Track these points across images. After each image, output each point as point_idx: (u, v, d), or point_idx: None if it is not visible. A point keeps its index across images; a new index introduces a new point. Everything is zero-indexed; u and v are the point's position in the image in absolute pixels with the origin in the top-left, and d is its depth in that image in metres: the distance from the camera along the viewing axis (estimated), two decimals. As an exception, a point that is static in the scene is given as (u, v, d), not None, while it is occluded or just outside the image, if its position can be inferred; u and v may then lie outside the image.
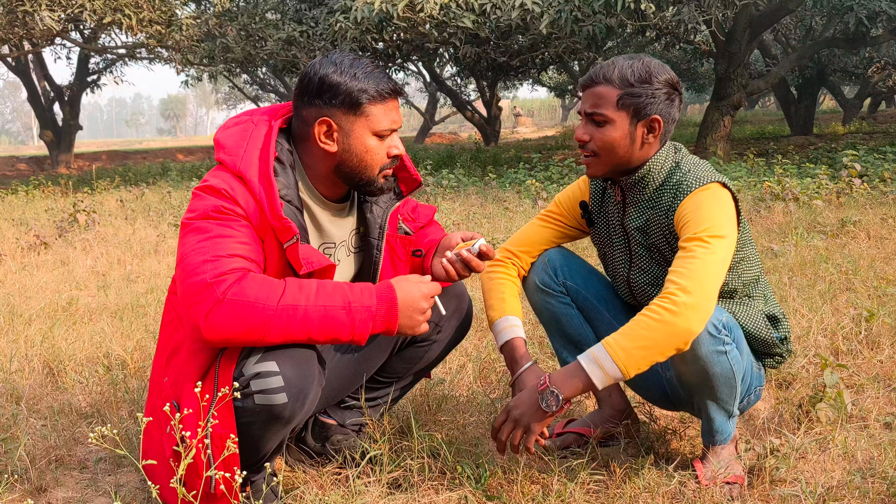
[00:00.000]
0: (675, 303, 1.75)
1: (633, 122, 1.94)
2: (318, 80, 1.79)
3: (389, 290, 1.75)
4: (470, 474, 2.00)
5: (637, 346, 1.75)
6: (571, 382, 1.80)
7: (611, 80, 1.93)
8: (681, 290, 1.76)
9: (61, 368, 2.97)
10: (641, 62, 1.93)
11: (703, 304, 1.76)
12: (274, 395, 1.66)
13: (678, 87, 1.98)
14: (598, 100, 1.95)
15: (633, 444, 2.21)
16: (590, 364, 1.79)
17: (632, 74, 1.92)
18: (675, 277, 1.79)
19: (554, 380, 1.81)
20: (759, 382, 2.10)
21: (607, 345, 1.78)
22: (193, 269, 1.64)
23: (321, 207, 1.92)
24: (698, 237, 1.84)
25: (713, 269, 1.80)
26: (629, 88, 1.92)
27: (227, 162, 1.79)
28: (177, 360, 1.81)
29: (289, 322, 1.64)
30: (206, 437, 1.65)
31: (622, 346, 1.76)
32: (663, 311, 1.75)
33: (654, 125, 1.95)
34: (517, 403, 1.87)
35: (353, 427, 2.21)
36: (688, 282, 1.77)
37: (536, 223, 2.25)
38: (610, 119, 1.94)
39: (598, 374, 1.78)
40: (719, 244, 1.83)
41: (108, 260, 5.33)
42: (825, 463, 2.03)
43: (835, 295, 3.48)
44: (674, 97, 1.96)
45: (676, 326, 1.74)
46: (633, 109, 1.93)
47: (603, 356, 1.77)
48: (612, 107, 1.93)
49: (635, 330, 1.77)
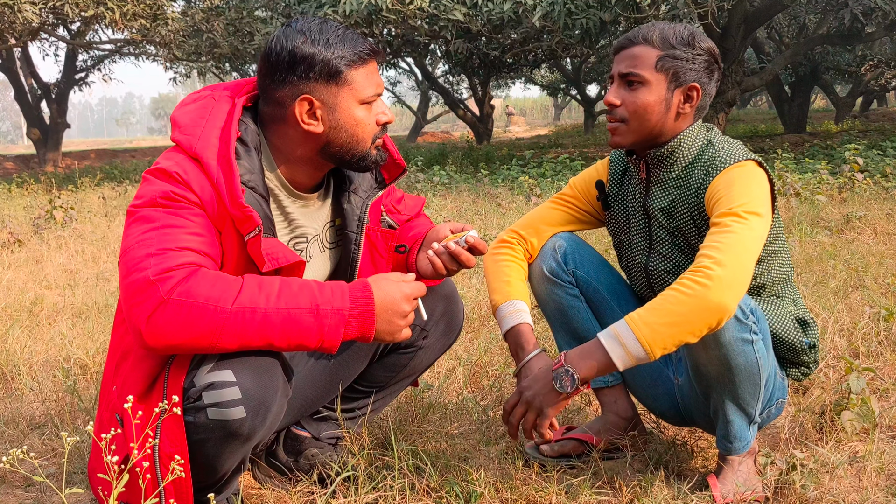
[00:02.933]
0: (708, 276, 1.54)
1: (670, 87, 1.78)
2: (287, 54, 1.56)
3: (365, 289, 1.52)
4: (458, 493, 1.78)
5: (664, 323, 1.55)
6: (588, 361, 1.61)
7: (651, 40, 1.78)
8: (715, 263, 1.56)
9: (16, 373, 2.73)
10: (684, 25, 1.80)
11: (739, 280, 1.56)
12: (230, 408, 1.43)
13: (719, 60, 1.83)
14: (635, 60, 1.78)
15: (640, 458, 1.99)
16: (610, 341, 1.59)
17: (674, 36, 1.77)
18: (708, 251, 1.59)
19: (570, 358, 1.62)
20: (783, 394, 1.88)
21: (631, 320, 1.57)
22: (135, 264, 1.41)
23: (290, 197, 1.69)
24: (734, 212, 1.65)
25: (750, 244, 1.61)
26: (670, 50, 1.77)
27: (182, 142, 1.56)
28: (125, 366, 1.58)
29: (246, 326, 1.40)
30: (151, 458, 1.43)
31: (647, 322, 1.56)
32: (695, 285, 1.55)
33: (691, 93, 1.79)
34: (530, 384, 1.68)
35: (328, 440, 1.98)
36: (723, 255, 1.57)
37: (548, 205, 2.06)
38: (646, 81, 1.77)
39: (618, 353, 1.58)
40: (756, 220, 1.64)
41: (82, 258, 5.09)
42: (859, 480, 1.81)
43: (847, 293, 3.28)
44: (713, 68, 1.82)
45: (709, 301, 1.53)
46: (673, 73, 1.77)
47: (625, 332, 1.57)
48: (650, 68, 1.77)
49: (663, 305, 1.56)
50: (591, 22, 9.00)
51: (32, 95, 19.22)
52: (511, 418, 1.70)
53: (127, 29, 11.74)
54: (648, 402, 2.03)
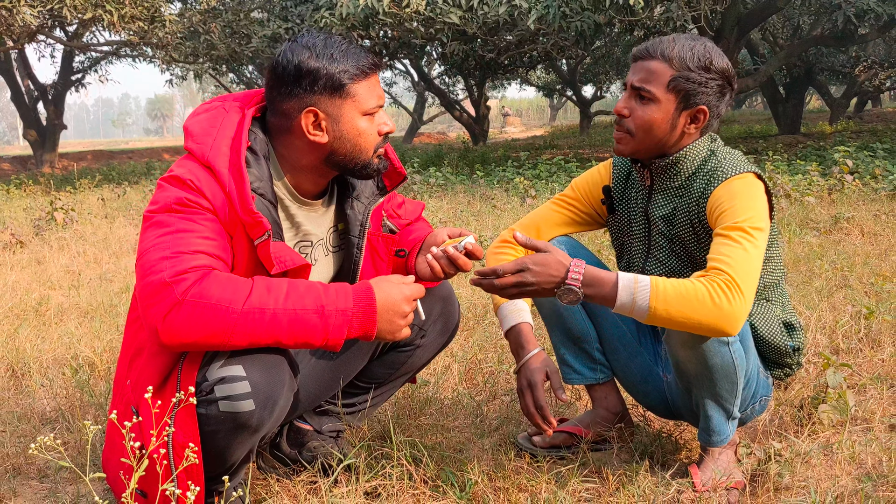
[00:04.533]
0: (734, 296, 1.64)
1: (678, 108, 1.85)
2: (293, 68, 1.66)
3: (368, 291, 1.62)
4: (454, 481, 1.88)
5: (679, 310, 1.64)
6: (596, 290, 1.67)
7: (669, 57, 1.83)
8: (738, 287, 1.64)
9: (26, 370, 2.83)
10: (703, 45, 1.84)
11: (749, 303, 1.66)
12: (240, 401, 1.53)
13: (732, 82, 1.88)
14: (650, 75, 1.84)
15: (627, 449, 2.09)
16: (625, 289, 1.66)
17: (691, 58, 1.82)
18: (727, 269, 1.67)
19: (586, 279, 1.67)
20: (766, 392, 1.98)
21: (654, 287, 1.65)
22: (151, 266, 1.51)
23: (297, 203, 1.79)
24: (741, 227, 1.73)
25: (758, 264, 1.71)
26: (685, 72, 1.82)
27: (195, 151, 1.66)
28: (139, 361, 1.68)
29: (255, 326, 1.51)
30: (166, 446, 1.52)
31: (666, 297, 1.64)
32: (723, 297, 1.63)
33: (699, 116, 1.86)
34: (537, 269, 1.67)
35: (330, 433, 2.08)
36: (742, 279, 1.65)
37: (549, 206, 2.14)
38: (656, 98, 1.84)
39: (624, 300, 1.66)
40: (761, 238, 1.73)
41: (84, 259, 5.18)
42: (831, 469, 1.92)
43: (831, 292, 3.38)
44: (725, 91, 1.87)
45: (725, 319, 1.63)
46: (683, 95, 1.84)
47: (643, 291, 1.65)
48: (661, 86, 1.84)
49: (689, 292, 1.64)
50: (586, 25, 9.11)
51: (29, 97, 19.27)
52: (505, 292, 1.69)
53: (125, 31, 11.81)
54: (639, 398, 2.13)
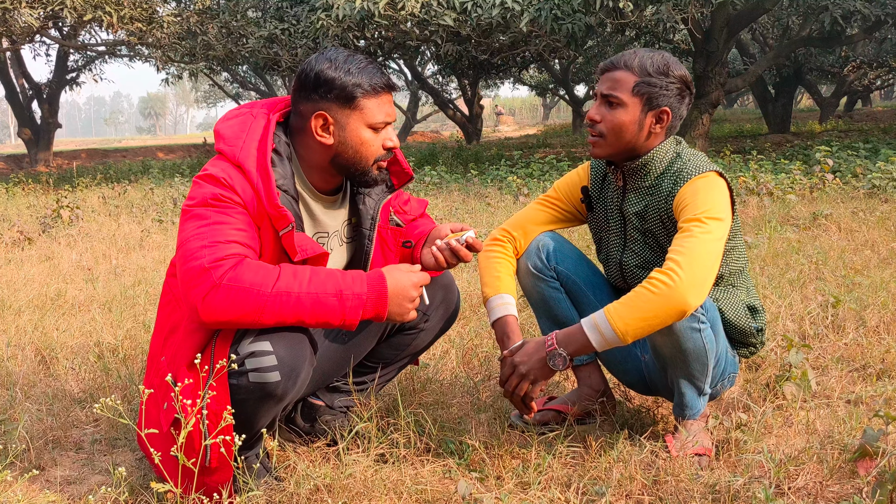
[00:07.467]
0: (671, 278, 1.87)
1: (643, 110, 2.08)
2: (314, 76, 1.89)
3: (380, 278, 1.84)
4: (453, 449, 2.10)
5: (635, 317, 1.87)
6: (573, 345, 1.94)
7: (631, 66, 2.07)
8: (678, 266, 1.88)
9: (53, 356, 3.03)
10: (661, 56, 2.08)
11: (699, 280, 1.88)
12: (268, 373, 1.75)
13: (690, 86, 2.12)
14: (616, 83, 2.08)
15: (609, 422, 2.31)
16: (591, 329, 1.92)
17: (651, 65, 2.06)
18: (673, 255, 1.91)
19: (559, 340, 1.95)
20: (734, 369, 2.22)
21: (608, 312, 1.90)
22: (192, 253, 1.73)
23: (315, 199, 2.01)
24: (696, 218, 1.96)
25: (710, 247, 1.92)
26: (647, 77, 2.06)
27: (226, 152, 1.88)
28: (174, 339, 1.89)
29: (282, 307, 1.72)
30: (204, 408, 1.73)
31: (621, 315, 1.88)
32: (661, 285, 1.87)
33: (662, 116, 2.09)
34: (524, 360, 2.00)
35: (341, 408, 2.30)
36: (685, 259, 1.89)
37: (534, 206, 2.37)
38: (623, 102, 2.07)
39: (596, 339, 1.91)
40: (716, 225, 1.95)
41: (93, 255, 5.37)
42: (789, 436, 2.15)
43: (804, 283, 3.61)
44: (685, 94, 2.11)
45: (672, 300, 1.86)
46: (647, 98, 2.07)
47: (603, 323, 1.90)
48: (627, 91, 2.07)
49: (635, 301, 1.89)
50: (577, 27, 9.33)
51: (24, 95, 19.35)
52: (508, 387, 2.02)
53: (123, 31, 11.97)
54: (620, 376, 2.36)
